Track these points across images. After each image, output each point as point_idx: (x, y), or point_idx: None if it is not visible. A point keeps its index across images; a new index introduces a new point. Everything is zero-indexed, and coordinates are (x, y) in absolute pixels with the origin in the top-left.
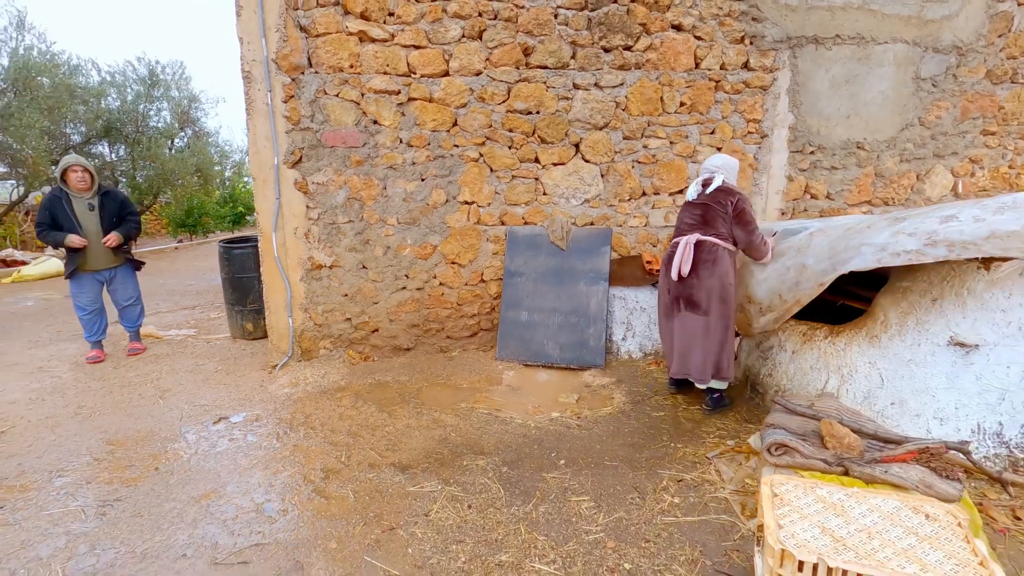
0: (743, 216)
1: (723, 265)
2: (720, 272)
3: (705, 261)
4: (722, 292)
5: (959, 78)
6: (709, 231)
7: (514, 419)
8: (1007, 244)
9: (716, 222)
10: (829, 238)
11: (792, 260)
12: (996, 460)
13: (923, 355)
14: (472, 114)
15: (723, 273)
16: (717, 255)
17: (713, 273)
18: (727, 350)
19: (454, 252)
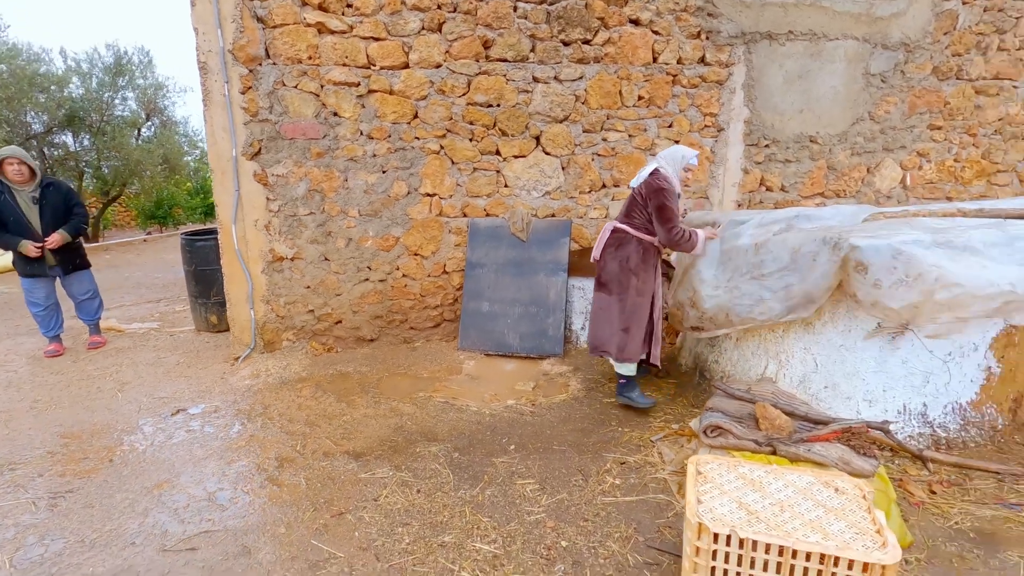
0: (659, 211)
1: (625, 250)
2: (620, 256)
3: (609, 246)
4: (620, 275)
5: (907, 74)
6: (624, 219)
7: (470, 407)
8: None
9: (633, 211)
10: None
11: (750, 288)
12: (920, 439)
13: (853, 341)
14: (433, 106)
15: (623, 257)
16: (622, 241)
17: (614, 256)
18: (631, 334)
19: (416, 244)
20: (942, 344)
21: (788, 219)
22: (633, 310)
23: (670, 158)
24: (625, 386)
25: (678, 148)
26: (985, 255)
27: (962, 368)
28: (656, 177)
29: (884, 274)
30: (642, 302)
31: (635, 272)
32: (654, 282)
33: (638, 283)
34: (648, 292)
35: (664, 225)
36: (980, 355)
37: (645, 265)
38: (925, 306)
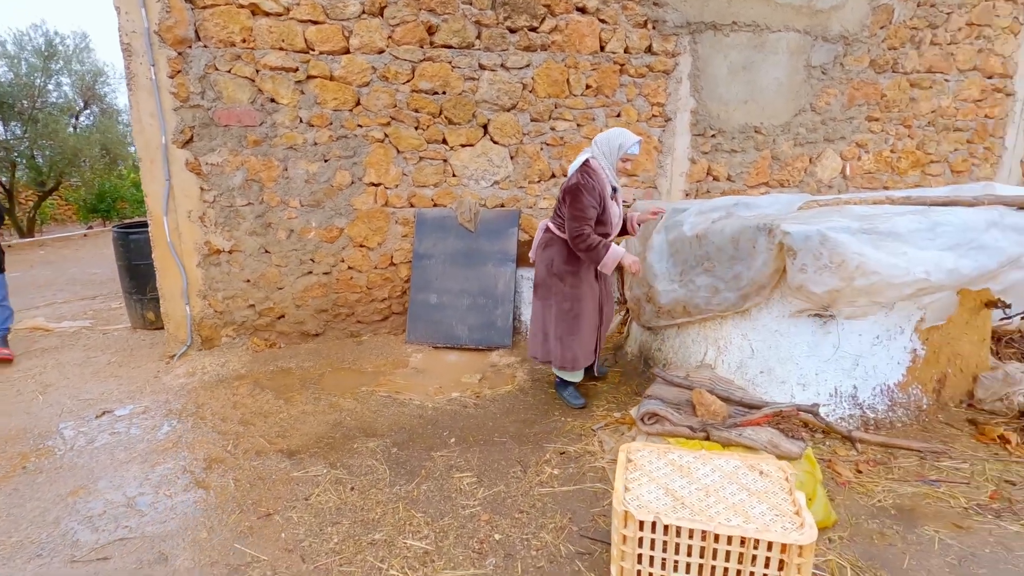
0: (569, 207)
1: (549, 252)
2: (545, 258)
3: (539, 246)
4: (547, 279)
5: (846, 67)
6: (553, 217)
7: (413, 401)
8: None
9: (559, 207)
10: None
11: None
12: (851, 420)
13: (787, 326)
14: (375, 93)
15: (548, 260)
16: (548, 242)
17: (541, 258)
18: (564, 344)
19: (362, 235)
20: (870, 328)
21: (728, 207)
22: (562, 318)
23: (605, 146)
24: (560, 383)
25: (615, 134)
26: (908, 241)
27: (889, 351)
28: (584, 171)
29: (810, 260)
30: (572, 309)
31: (560, 276)
32: (592, 287)
33: (564, 288)
34: (582, 298)
35: (570, 222)
36: (906, 338)
37: (574, 268)
38: (845, 291)
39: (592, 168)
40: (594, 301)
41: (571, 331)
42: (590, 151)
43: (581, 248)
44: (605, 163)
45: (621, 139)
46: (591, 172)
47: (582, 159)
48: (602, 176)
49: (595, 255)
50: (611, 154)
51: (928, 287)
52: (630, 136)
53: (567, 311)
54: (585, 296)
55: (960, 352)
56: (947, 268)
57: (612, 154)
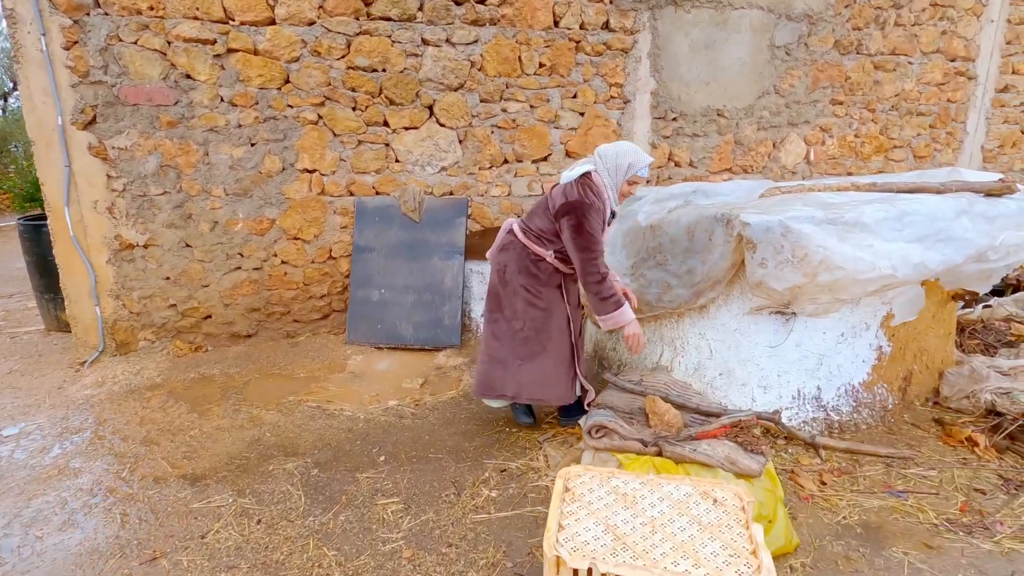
0: (575, 231)
1: (504, 256)
2: (499, 262)
3: (497, 247)
4: (499, 288)
5: (810, 47)
6: (525, 218)
7: (344, 412)
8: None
9: (537, 213)
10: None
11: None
12: (814, 423)
13: (747, 324)
14: (307, 70)
15: (501, 265)
16: (507, 244)
17: (495, 260)
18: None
19: (296, 226)
20: (835, 325)
21: (686, 195)
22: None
23: (611, 162)
24: (522, 410)
25: (625, 149)
26: (875, 232)
27: (854, 349)
28: (585, 184)
29: (771, 253)
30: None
31: (515, 290)
32: (562, 301)
33: (523, 307)
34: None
35: (581, 252)
36: (872, 335)
37: (535, 283)
38: (807, 288)
39: (595, 184)
40: (573, 326)
41: (526, 356)
42: (590, 162)
43: (592, 289)
44: (608, 182)
45: (632, 157)
46: (594, 189)
47: (581, 170)
48: (604, 196)
49: (604, 305)
50: (617, 172)
51: (894, 282)
52: (642, 155)
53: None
54: (545, 314)
55: (926, 347)
56: (913, 262)
57: (618, 173)
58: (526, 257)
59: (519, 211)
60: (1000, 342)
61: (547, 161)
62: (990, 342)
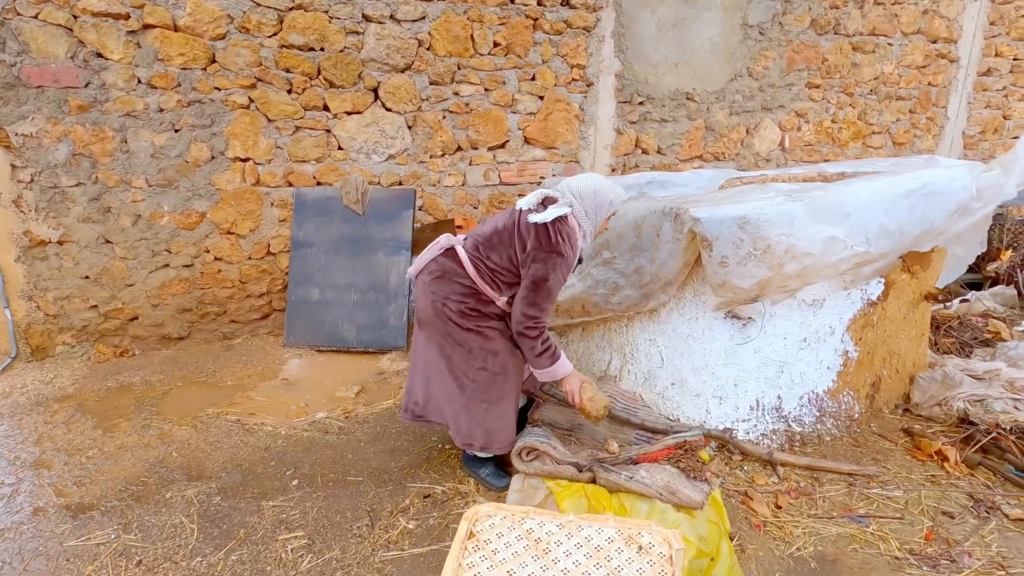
0: (535, 285)
1: (445, 289)
2: (437, 294)
3: (430, 271)
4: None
5: (785, 26)
6: (474, 246)
7: (265, 426)
8: None
9: (495, 243)
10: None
11: (602, 274)
12: (775, 436)
13: (701, 329)
14: (234, 48)
15: (440, 299)
16: (447, 273)
17: (428, 290)
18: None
19: (229, 220)
20: (797, 330)
21: (640, 186)
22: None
23: (589, 202)
24: (473, 459)
25: (600, 185)
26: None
27: (818, 355)
28: (561, 228)
29: (730, 250)
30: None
31: (463, 324)
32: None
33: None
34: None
35: (530, 307)
36: (837, 339)
37: (483, 321)
38: (775, 279)
39: (571, 230)
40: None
41: (492, 399)
42: (564, 202)
43: (527, 344)
44: (587, 226)
45: (611, 192)
46: (571, 238)
47: (556, 212)
48: (578, 245)
49: (539, 360)
50: (597, 213)
51: (869, 258)
52: (617, 188)
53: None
54: (504, 349)
55: (896, 351)
56: (890, 230)
57: (599, 213)
58: (472, 297)
59: (475, 202)
60: (976, 340)
61: (504, 148)
62: (966, 340)
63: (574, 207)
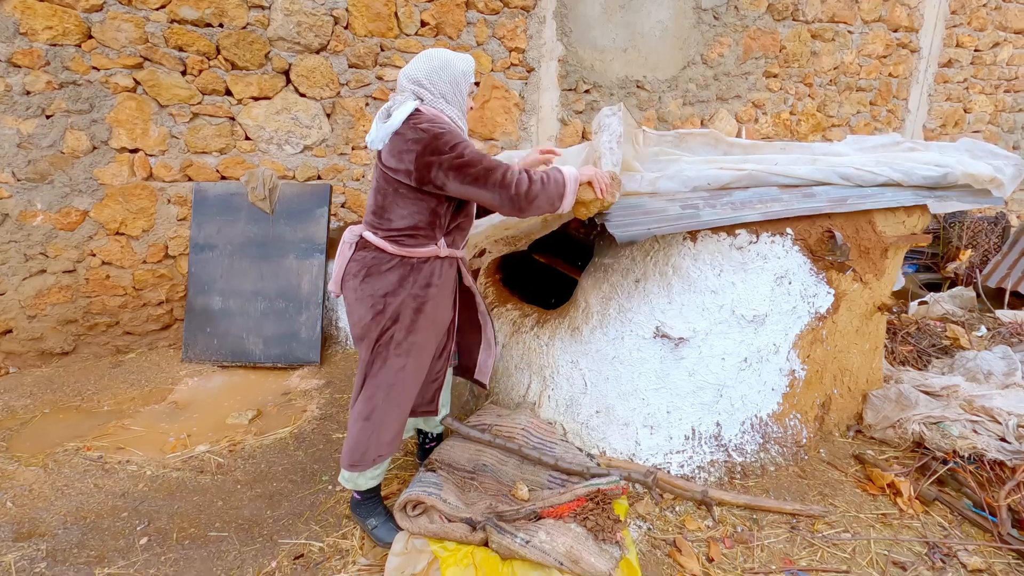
0: (461, 170)
1: (379, 282)
2: (370, 292)
3: (351, 273)
4: (372, 327)
5: (741, 11)
6: (375, 218)
7: (130, 465)
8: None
9: (388, 200)
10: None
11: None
12: (712, 469)
13: (628, 350)
14: (114, 22)
15: (373, 292)
16: (373, 264)
17: (360, 293)
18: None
19: (117, 219)
20: (736, 349)
21: None
22: (389, 384)
23: (441, 81)
24: (362, 505)
25: (443, 56)
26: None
27: (760, 375)
28: (418, 124)
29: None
30: (407, 369)
31: (398, 319)
32: (442, 321)
33: (401, 336)
34: (417, 349)
35: (487, 181)
36: (782, 357)
37: (420, 300)
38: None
39: (432, 119)
40: (433, 348)
41: (395, 404)
42: (410, 94)
43: (533, 191)
44: (451, 110)
45: (461, 61)
46: (434, 120)
47: (406, 108)
48: (453, 123)
49: (554, 188)
50: (456, 90)
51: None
52: (467, 57)
53: (403, 375)
54: (423, 346)
55: (848, 367)
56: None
57: (458, 90)
58: (410, 272)
59: None
60: (935, 347)
61: None
62: (924, 348)
63: (422, 97)
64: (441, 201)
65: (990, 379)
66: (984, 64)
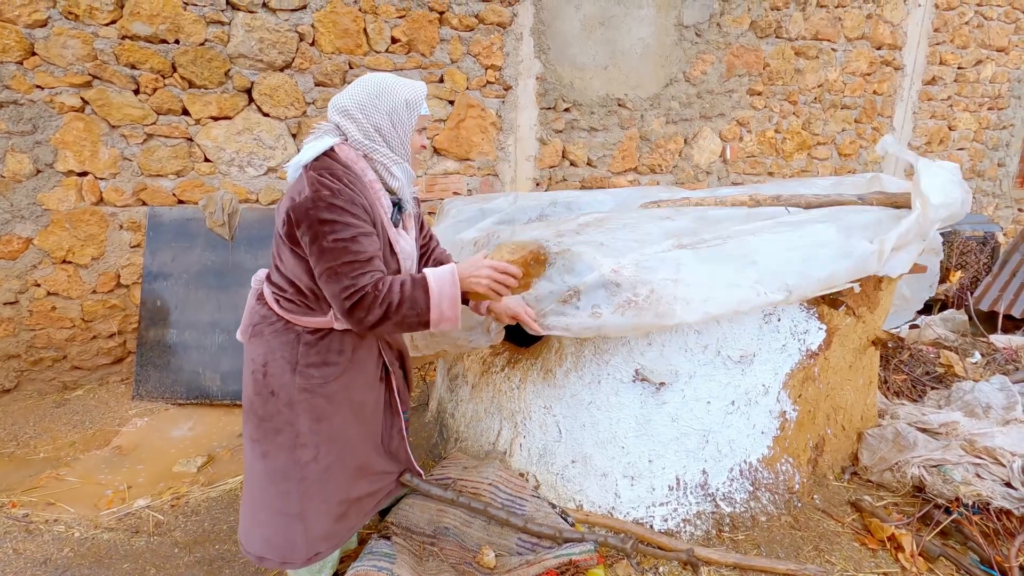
0: (313, 238)
1: (258, 346)
2: (253, 360)
3: (243, 328)
4: (257, 403)
5: (724, 28)
6: (272, 272)
7: (56, 525)
8: None
9: (279, 251)
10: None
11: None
12: (699, 521)
13: (605, 395)
14: (59, 38)
15: (257, 365)
16: (257, 322)
17: (247, 360)
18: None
19: (64, 247)
20: (722, 392)
21: (543, 207)
22: (299, 477)
23: (375, 112)
24: None
25: (383, 82)
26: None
27: (749, 418)
28: (319, 168)
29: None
30: (320, 460)
31: (288, 401)
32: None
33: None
34: (350, 436)
35: (329, 279)
36: (772, 399)
37: (322, 387)
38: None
39: (339, 163)
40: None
41: (321, 497)
42: (330, 129)
43: (372, 320)
44: (382, 151)
45: (405, 89)
46: (338, 174)
47: (319, 147)
48: (365, 179)
49: (413, 316)
50: (396, 122)
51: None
52: (414, 84)
53: (305, 464)
54: (339, 433)
55: (842, 404)
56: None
57: (398, 122)
58: (296, 344)
59: None
60: (929, 375)
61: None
62: (918, 377)
63: (347, 129)
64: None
65: (989, 413)
66: (968, 82)
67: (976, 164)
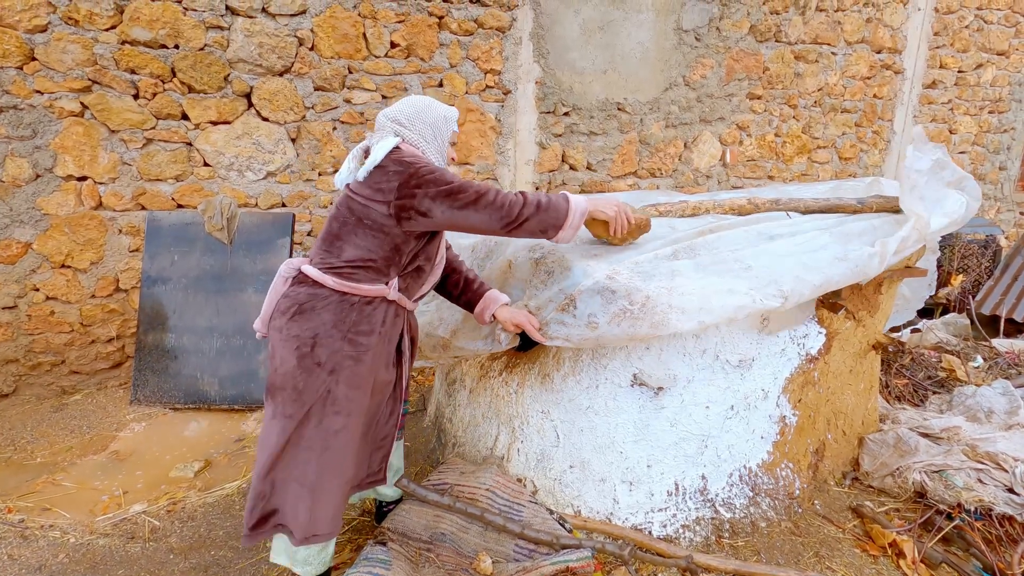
0: (450, 196)
1: (310, 322)
2: (300, 334)
3: (281, 311)
4: (299, 375)
5: (723, 32)
6: (324, 253)
7: (52, 531)
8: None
9: (345, 233)
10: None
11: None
12: (699, 527)
13: (604, 400)
14: (59, 44)
15: (305, 339)
16: (305, 303)
17: (288, 335)
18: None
19: (63, 251)
20: (721, 397)
21: None
22: (323, 447)
23: (420, 120)
24: None
25: (424, 102)
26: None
27: (748, 424)
28: (400, 158)
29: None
30: (348, 430)
31: (332, 368)
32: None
33: (338, 388)
34: (368, 412)
35: (479, 204)
36: (771, 403)
37: (358, 348)
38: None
39: (415, 155)
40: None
41: (335, 470)
42: (389, 131)
43: (527, 214)
44: (428, 150)
45: (443, 108)
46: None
47: (387, 144)
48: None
49: (552, 218)
50: (436, 134)
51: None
52: (449, 108)
53: (340, 435)
54: (364, 406)
55: (842, 409)
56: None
57: (438, 134)
58: (351, 313)
59: None
60: (931, 379)
61: None
62: (919, 381)
63: (403, 135)
64: (408, 237)
65: (991, 418)
66: (968, 85)
67: (977, 168)
